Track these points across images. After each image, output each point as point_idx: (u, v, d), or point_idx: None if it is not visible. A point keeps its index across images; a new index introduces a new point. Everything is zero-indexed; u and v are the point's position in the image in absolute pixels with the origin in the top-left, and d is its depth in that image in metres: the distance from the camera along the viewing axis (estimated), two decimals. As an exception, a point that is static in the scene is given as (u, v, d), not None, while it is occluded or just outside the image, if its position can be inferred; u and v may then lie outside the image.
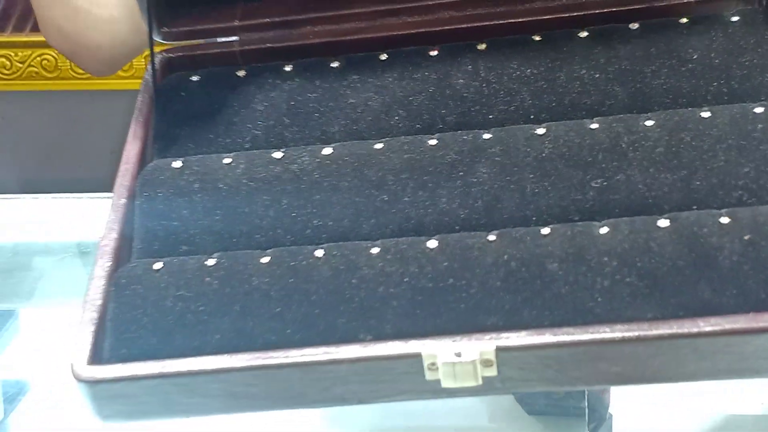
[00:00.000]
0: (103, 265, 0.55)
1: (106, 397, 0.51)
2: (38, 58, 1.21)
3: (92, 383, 0.50)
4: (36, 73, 1.22)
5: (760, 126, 0.56)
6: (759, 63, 0.60)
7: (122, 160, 0.61)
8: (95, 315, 0.53)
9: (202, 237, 0.57)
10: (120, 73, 1.11)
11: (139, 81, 0.65)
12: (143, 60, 1.09)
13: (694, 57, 0.61)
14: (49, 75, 1.22)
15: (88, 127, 1.26)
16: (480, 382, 0.49)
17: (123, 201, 0.59)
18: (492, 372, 0.49)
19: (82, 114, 1.25)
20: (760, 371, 0.49)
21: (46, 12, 0.76)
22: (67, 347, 0.52)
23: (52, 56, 1.19)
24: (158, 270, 0.55)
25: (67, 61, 1.16)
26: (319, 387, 0.50)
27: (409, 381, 0.50)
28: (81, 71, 1.16)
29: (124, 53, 0.77)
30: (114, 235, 0.57)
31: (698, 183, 0.55)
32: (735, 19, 0.62)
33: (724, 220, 0.52)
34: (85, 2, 0.74)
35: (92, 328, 0.52)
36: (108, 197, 0.59)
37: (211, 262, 0.55)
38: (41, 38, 1.12)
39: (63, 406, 0.76)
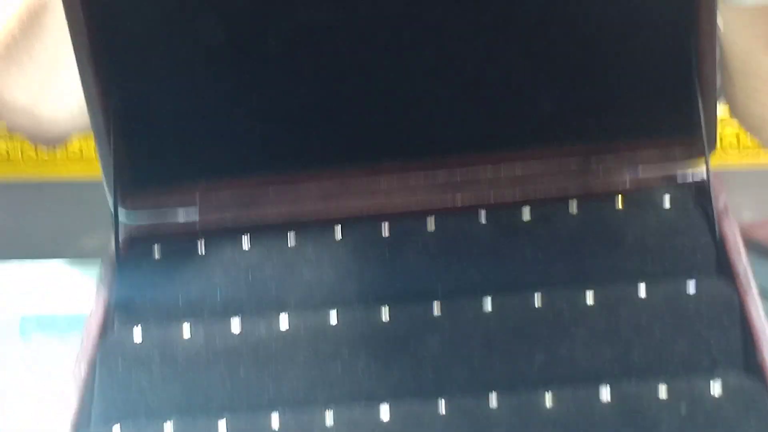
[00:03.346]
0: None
1: None
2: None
3: None
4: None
5: (692, 306, 0.60)
6: (689, 244, 0.64)
7: (84, 334, 0.63)
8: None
9: (161, 406, 0.59)
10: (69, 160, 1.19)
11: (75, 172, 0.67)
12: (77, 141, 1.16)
13: (630, 239, 0.65)
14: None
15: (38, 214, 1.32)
16: None
17: (83, 374, 0.61)
18: None
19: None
20: None
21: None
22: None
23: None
24: None
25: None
26: None
27: None
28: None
29: (74, 130, 0.82)
30: (73, 404, 0.59)
31: (636, 358, 0.58)
32: (667, 205, 0.66)
33: (663, 395, 0.55)
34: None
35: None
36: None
37: (168, 428, 0.56)
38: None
39: None
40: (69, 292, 0.85)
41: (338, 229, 0.67)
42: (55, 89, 0.79)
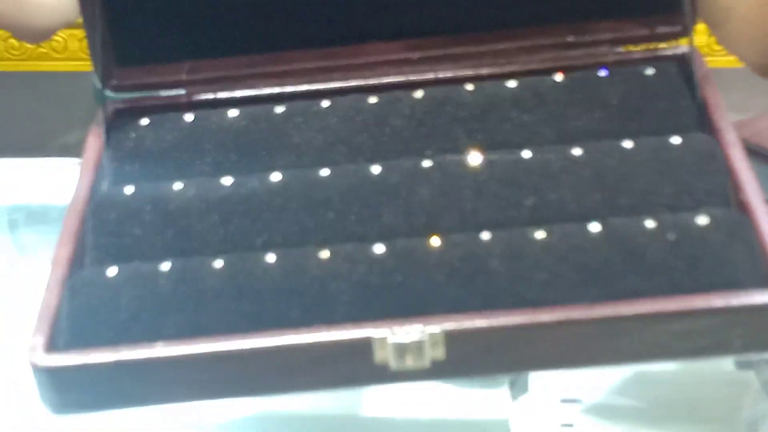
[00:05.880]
0: (58, 273, 0.57)
1: (64, 385, 0.51)
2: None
3: (50, 371, 0.51)
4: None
5: (676, 155, 0.61)
6: (673, 108, 0.65)
7: (74, 191, 0.63)
8: (51, 313, 0.54)
9: (154, 252, 0.59)
10: (53, 54, 1.16)
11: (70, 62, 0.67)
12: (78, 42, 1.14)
13: (614, 102, 0.66)
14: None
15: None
16: (428, 364, 0.51)
17: (75, 223, 0.61)
18: (440, 354, 0.51)
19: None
20: (691, 353, 0.52)
21: None
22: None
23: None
24: (113, 276, 0.56)
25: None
26: (273, 374, 0.52)
27: (359, 365, 0.51)
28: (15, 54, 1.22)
29: (59, 20, 0.81)
30: (67, 248, 0.59)
31: (623, 201, 0.59)
32: (651, 72, 0.67)
33: (650, 224, 0.56)
34: None
35: (49, 322, 0.53)
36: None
37: (164, 267, 0.57)
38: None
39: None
40: (55, 186, 0.86)
41: (326, 100, 0.68)
42: None
